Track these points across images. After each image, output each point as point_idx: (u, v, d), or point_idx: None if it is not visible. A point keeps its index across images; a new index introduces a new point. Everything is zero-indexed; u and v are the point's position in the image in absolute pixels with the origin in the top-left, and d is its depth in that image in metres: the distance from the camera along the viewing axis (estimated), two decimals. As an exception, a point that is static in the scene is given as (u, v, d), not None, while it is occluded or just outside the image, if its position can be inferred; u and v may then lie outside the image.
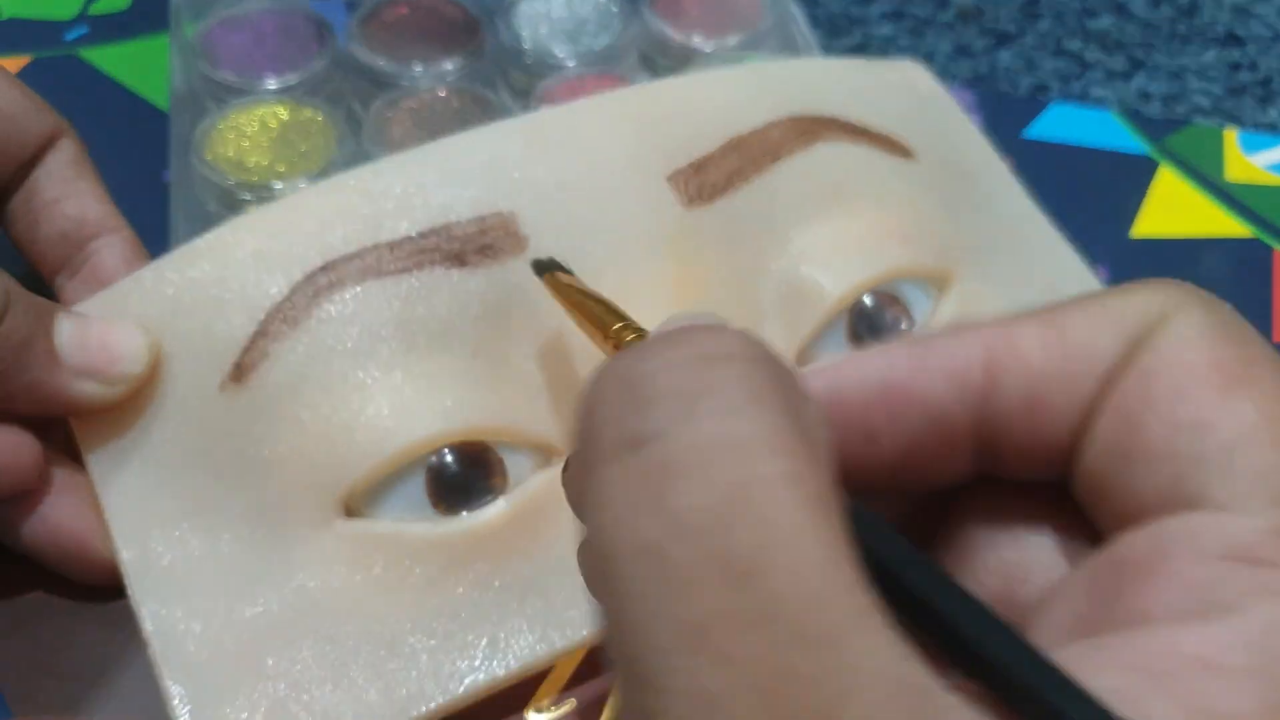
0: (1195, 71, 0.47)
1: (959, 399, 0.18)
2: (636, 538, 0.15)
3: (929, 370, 0.18)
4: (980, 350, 0.18)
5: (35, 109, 0.32)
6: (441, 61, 0.40)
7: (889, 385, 0.18)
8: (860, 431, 0.18)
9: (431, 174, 0.30)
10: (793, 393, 0.16)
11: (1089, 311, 0.18)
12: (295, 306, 0.28)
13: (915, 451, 0.18)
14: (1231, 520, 0.16)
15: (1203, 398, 0.17)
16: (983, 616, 0.16)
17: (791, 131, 0.33)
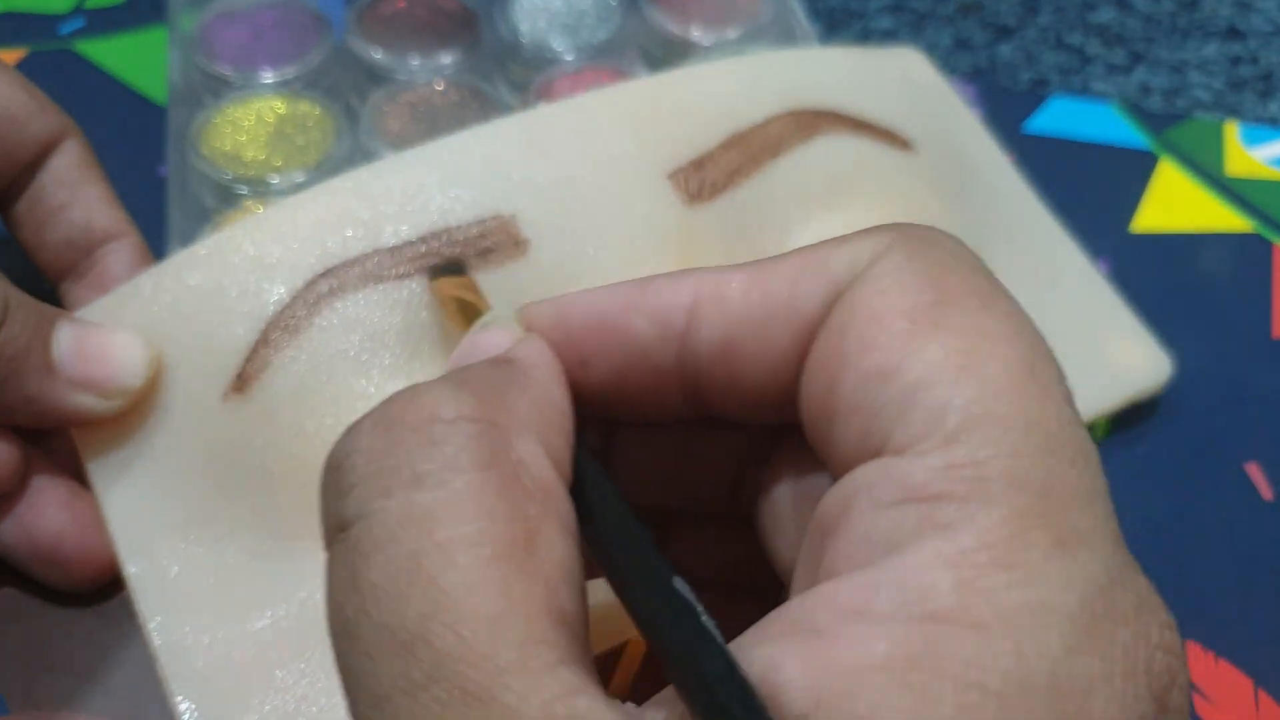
0: (1196, 65, 0.47)
1: (660, 337, 0.19)
2: (340, 616, 0.16)
3: (638, 308, 0.19)
4: (690, 293, 0.19)
5: (40, 109, 0.31)
6: (439, 55, 0.40)
7: (603, 316, 0.19)
8: (575, 356, 0.19)
9: (431, 176, 0.30)
10: (491, 440, 0.17)
11: (797, 262, 0.18)
12: (296, 314, 0.28)
13: (623, 382, 0.19)
14: (908, 463, 0.16)
15: (889, 345, 0.17)
16: (662, 592, 0.17)
17: (791, 126, 0.33)
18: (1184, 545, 0.33)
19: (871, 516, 0.16)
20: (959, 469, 0.16)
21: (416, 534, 0.16)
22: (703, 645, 0.16)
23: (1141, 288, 0.38)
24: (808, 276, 0.18)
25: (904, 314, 0.17)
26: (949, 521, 0.15)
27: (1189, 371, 0.35)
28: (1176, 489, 0.34)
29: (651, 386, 0.19)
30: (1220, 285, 0.39)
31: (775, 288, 0.18)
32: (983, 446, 0.16)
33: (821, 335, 0.18)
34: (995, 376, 0.16)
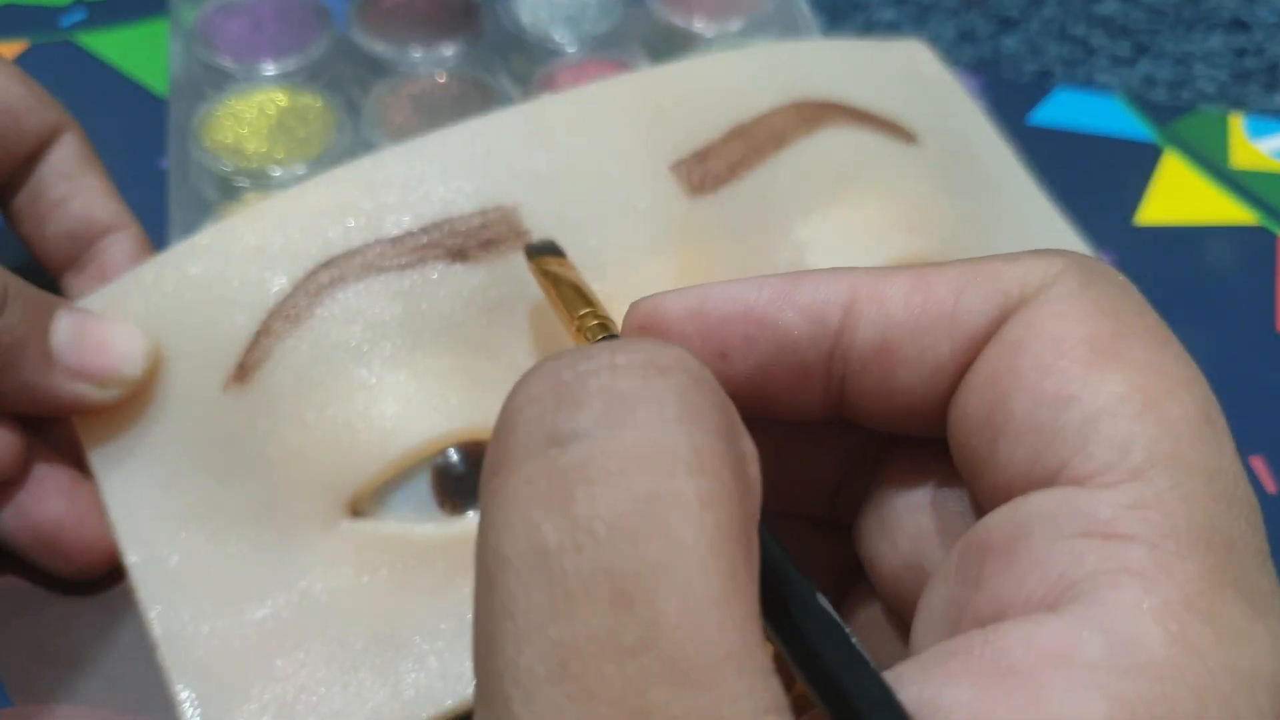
0: (1201, 57, 0.47)
1: (813, 334, 0.18)
2: (533, 540, 0.14)
3: (791, 301, 0.18)
4: (846, 292, 0.18)
5: (38, 102, 0.31)
6: (441, 47, 0.40)
7: (750, 308, 0.18)
8: (715, 347, 0.19)
9: (433, 167, 0.30)
10: (730, 419, 0.16)
11: (964, 273, 0.18)
12: (297, 304, 0.28)
13: (765, 377, 0.19)
14: (1090, 495, 0.16)
15: (1068, 371, 0.16)
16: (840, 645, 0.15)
17: (795, 118, 0.32)
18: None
19: (1052, 547, 0.15)
20: (1147, 509, 0.15)
21: (661, 475, 0.14)
22: (858, 669, 0.15)
23: (1145, 280, 0.37)
24: (976, 288, 0.18)
25: (1084, 341, 0.17)
26: (1143, 568, 0.15)
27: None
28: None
29: (794, 384, 0.19)
30: (1224, 278, 0.39)
31: (940, 294, 0.18)
32: (1170, 490, 0.15)
33: (990, 351, 0.17)
34: (1178, 419, 0.16)
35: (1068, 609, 0.15)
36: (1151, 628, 0.14)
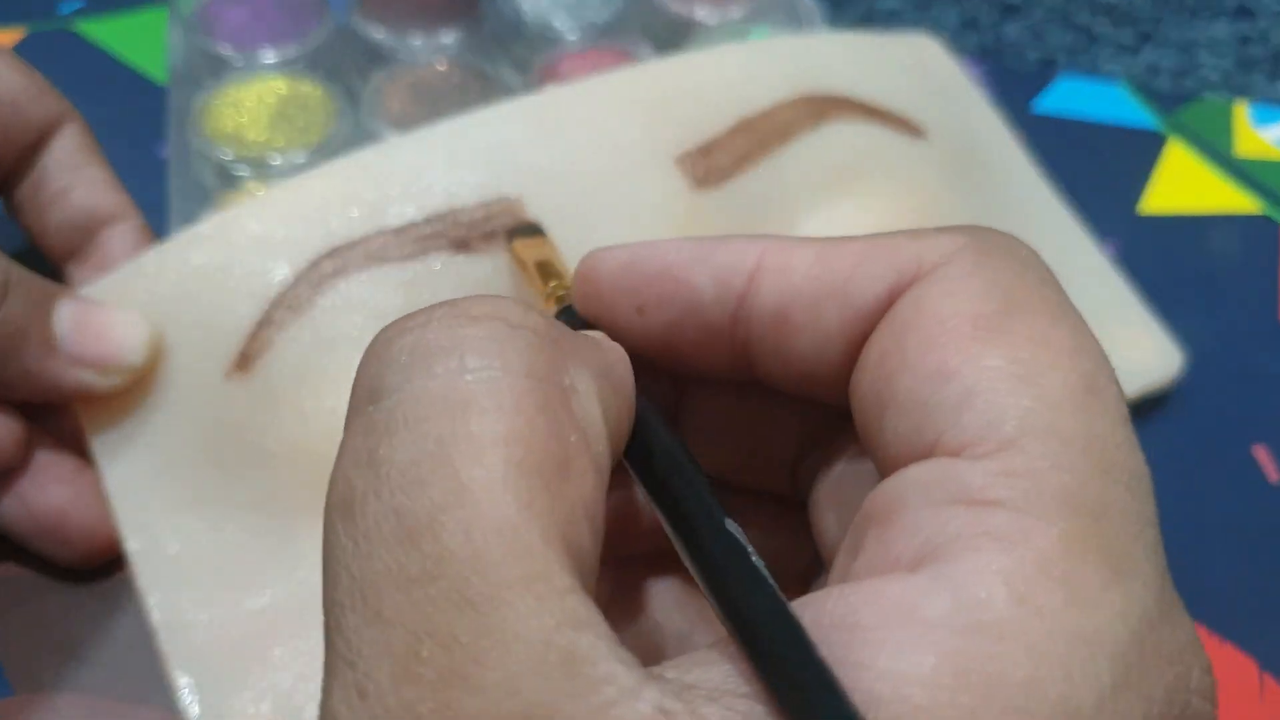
0: (1205, 45, 0.47)
1: (718, 296, 0.19)
2: (343, 491, 0.15)
3: (704, 264, 0.19)
4: (755, 258, 0.19)
5: (39, 93, 0.31)
6: (441, 35, 0.39)
7: (668, 267, 0.19)
8: (634, 302, 0.19)
9: (436, 158, 0.30)
10: (549, 360, 0.16)
11: (867, 247, 0.18)
12: (299, 294, 0.28)
13: (676, 334, 0.19)
14: (962, 465, 0.16)
15: (950, 348, 0.17)
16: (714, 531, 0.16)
17: (801, 111, 0.32)
18: (1190, 527, 0.33)
19: (922, 514, 0.16)
20: (1015, 477, 0.15)
21: (451, 420, 0.15)
22: (751, 583, 0.15)
23: (1149, 269, 0.38)
24: (872, 263, 0.18)
25: (970, 318, 0.17)
26: (1004, 532, 0.15)
27: (1196, 353, 0.35)
28: (1183, 471, 0.34)
29: (703, 343, 0.19)
30: (1228, 267, 0.39)
31: (838, 267, 0.18)
32: (1039, 457, 0.16)
33: (882, 328, 0.18)
34: (1055, 388, 0.16)
35: (924, 570, 0.15)
36: (998, 588, 0.15)
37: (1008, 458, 0.16)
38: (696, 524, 0.17)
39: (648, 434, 0.18)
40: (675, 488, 0.17)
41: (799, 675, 0.14)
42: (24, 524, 0.29)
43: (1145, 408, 0.34)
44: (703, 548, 0.16)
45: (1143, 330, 0.35)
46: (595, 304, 0.20)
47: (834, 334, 0.18)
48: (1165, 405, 0.35)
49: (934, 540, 0.15)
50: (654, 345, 0.20)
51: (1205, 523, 0.33)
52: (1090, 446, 0.16)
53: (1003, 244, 0.18)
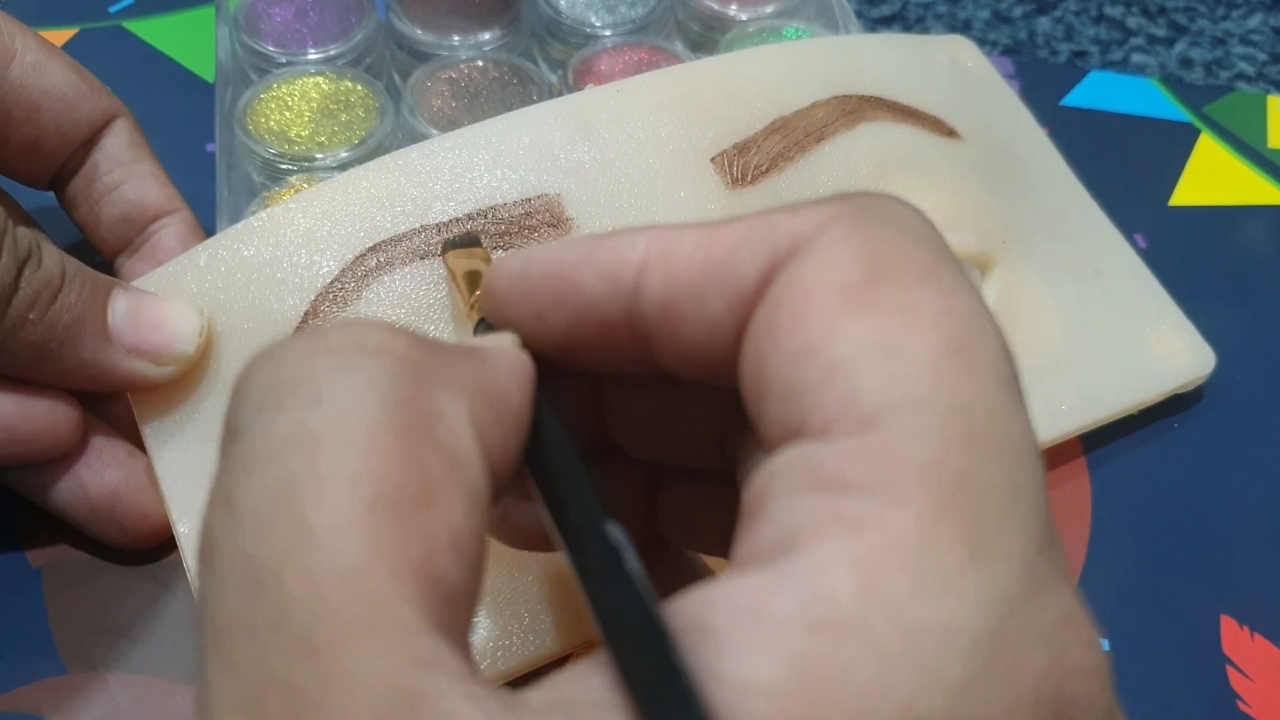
0: (1239, 37, 0.47)
1: (609, 293, 0.18)
2: (205, 533, 0.15)
3: (591, 262, 0.19)
4: (641, 250, 0.18)
5: (90, 91, 0.32)
6: (479, 33, 0.40)
7: (559, 271, 0.19)
8: (532, 308, 0.19)
9: (479, 156, 0.31)
10: (414, 384, 0.16)
11: (747, 227, 0.17)
12: (345, 287, 0.29)
13: (577, 335, 0.19)
14: (821, 447, 0.15)
15: (814, 324, 0.16)
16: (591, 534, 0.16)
17: (836, 111, 0.33)
18: (1220, 521, 0.33)
19: (783, 502, 0.15)
20: (870, 455, 0.15)
21: (299, 459, 0.15)
22: (620, 589, 0.15)
23: (1179, 262, 0.38)
24: (750, 243, 0.17)
25: (834, 291, 0.16)
26: (856, 516, 0.14)
27: (1226, 346, 0.35)
28: (1212, 464, 0.34)
29: (603, 341, 0.19)
30: (1259, 259, 0.39)
31: (718, 250, 0.17)
32: (899, 432, 0.15)
33: (760, 309, 0.17)
34: (919, 356, 0.15)
35: (776, 563, 0.14)
36: (845, 579, 0.14)
37: (867, 435, 0.15)
38: (576, 529, 0.16)
39: (543, 439, 0.18)
40: (560, 492, 0.17)
41: (656, 687, 0.13)
42: (80, 506, 0.29)
43: (1174, 401, 0.35)
44: (579, 553, 0.16)
45: (1176, 329, 0.35)
46: (499, 313, 0.20)
47: (721, 319, 0.17)
48: (1196, 397, 0.35)
49: (789, 530, 0.15)
50: (559, 348, 0.19)
51: (1234, 516, 0.33)
52: (954, 416, 0.15)
53: (877, 208, 0.17)
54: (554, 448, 0.18)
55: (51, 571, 0.30)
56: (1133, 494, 0.33)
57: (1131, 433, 0.34)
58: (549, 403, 0.19)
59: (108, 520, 0.29)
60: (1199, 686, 0.30)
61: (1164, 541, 0.32)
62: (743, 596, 0.14)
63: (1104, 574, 0.32)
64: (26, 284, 0.26)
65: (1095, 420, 0.33)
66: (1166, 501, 0.33)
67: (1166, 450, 0.34)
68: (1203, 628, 0.31)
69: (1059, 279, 0.34)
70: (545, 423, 0.18)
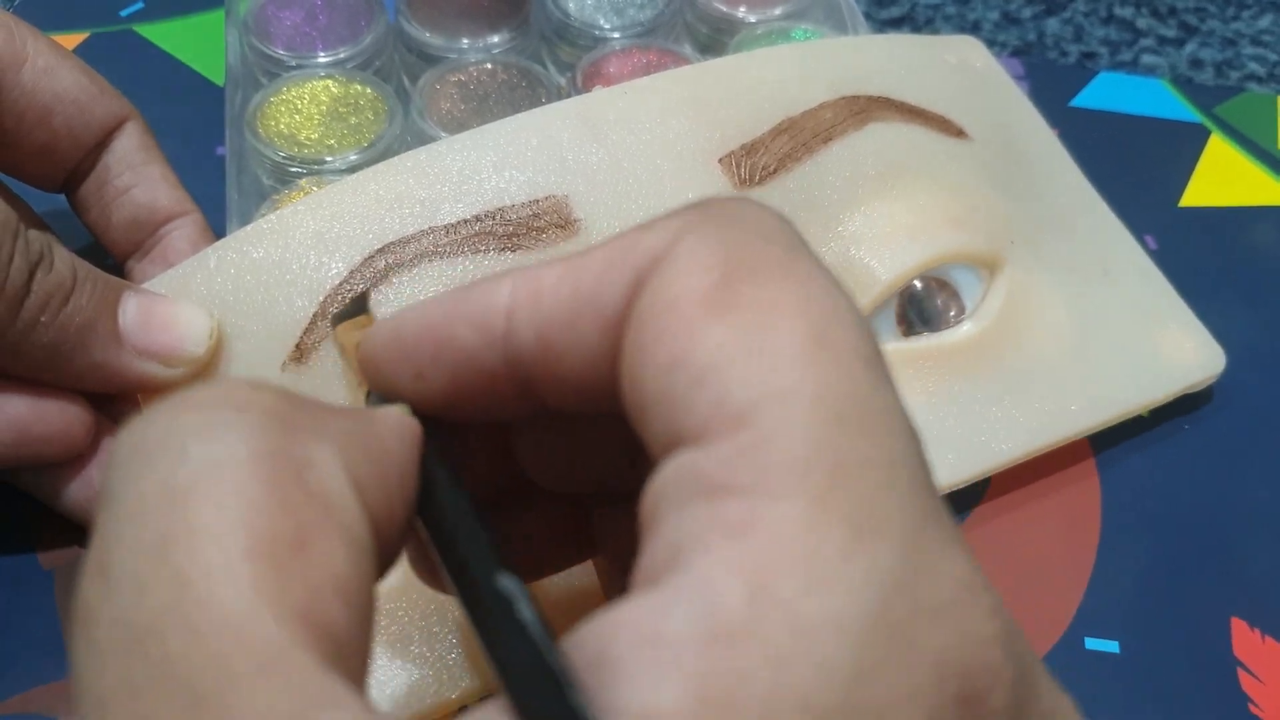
0: (1250, 37, 0.47)
1: (484, 342, 0.18)
2: (81, 603, 0.15)
3: (460, 315, 0.18)
4: (507, 295, 0.18)
5: (101, 94, 0.32)
6: (488, 36, 0.40)
7: (430, 328, 0.19)
8: (411, 369, 0.19)
9: (487, 158, 0.31)
10: (282, 434, 0.16)
11: (609, 251, 0.17)
12: (353, 289, 0.29)
13: (460, 387, 0.19)
14: (699, 454, 0.15)
15: (678, 333, 0.16)
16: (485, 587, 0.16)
17: (844, 111, 0.33)
18: (1230, 522, 0.33)
19: (669, 519, 0.15)
20: (746, 455, 0.15)
21: (169, 515, 0.14)
22: (513, 637, 0.15)
23: (1189, 262, 0.38)
24: (613, 267, 0.17)
25: (695, 296, 0.16)
26: (738, 520, 0.14)
27: (1236, 347, 0.35)
28: (1223, 465, 0.34)
29: (487, 389, 0.19)
30: (1270, 260, 0.39)
31: (583, 281, 0.17)
32: (770, 426, 0.15)
33: (628, 328, 0.17)
34: (781, 350, 0.15)
35: (667, 581, 0.14)
36: (733, 587, 0.14)
37: (740, 435, 0.15)
38: (470, 581, 0.17)
39: (433, 494, 0.18)
40: (453, 547, 0.17)
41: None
42: (91, 508, 0.30)
43: (1184, 402, 0.35)
44: (473, 605, 0.16)
45: (1187, 330, 0.34)
46: (379, 380, 0.20)
47: (595, 347, 0.17)
48: (1205, 398, 0.35)
49: (676, 544, 0.14)
50: (446, 403, 0.19)
51: (1245, 517, 0.33)
52: (821, 401, 0.15)
53: (728, 210, 0.17)
54: (445, 502, 0.18)
55: (63, 573, 0.31)
56: (1143, 495, 0.33)
57: (1141, 433, 0.34)
58: (438, 459, 0.18)
59: None
60: (1209, 689, 0.30)
61: (1174, 543, 0.32)
62: (637, 621, 0.14)
63: (1114, 576, 0.32)
64: (38, 287, 0.27)
65: (1105, 421, 0.33)
66: (1177, 503, 0.33)
67: (1177, 451, 0.34)
68: (1213, 630, 0.31)
69: (1068, 280, 0.34)
70: (435, 479, 0.18)
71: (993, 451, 0.31)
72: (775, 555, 0.14)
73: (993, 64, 0.38)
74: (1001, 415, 0.31)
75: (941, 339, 0.32)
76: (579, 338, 0.17)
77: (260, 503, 0.15)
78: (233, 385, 0.16)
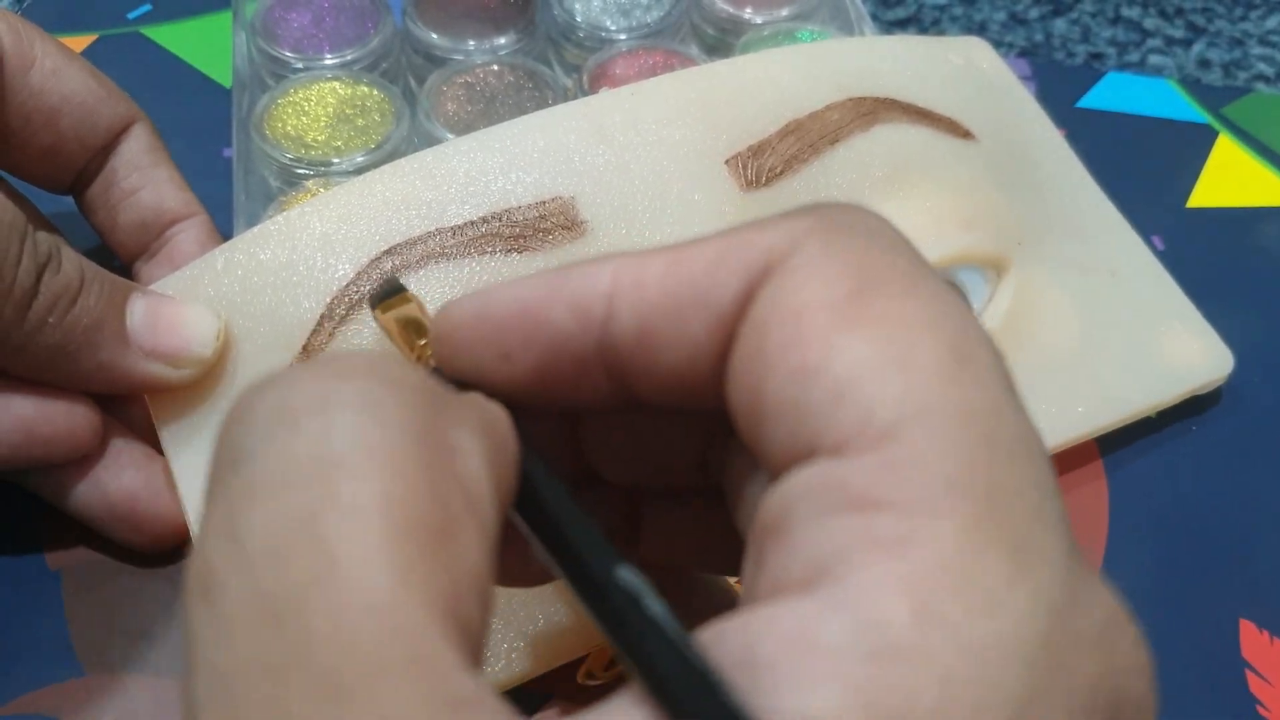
0: (1257, 38, 0.47)
1: (581, 326, 0.18)
2: (204, 568, 0.14)
3: (558, 297, 0.18)
4: (609, 280, 0.18)
5: (109, 96, 0.32)
6: (495, 37, 0.40)
7: (524, 308, 0.18)
8: (497, 350, 0.18)
9: (494, 159, 0.31)
10: (429, 417, 0.15)
11: (720, 247, 0.17)
12: (360, 290, 0.29)
13: (548, 372, 0.18)
14: (843, 465, 0.15)
15: (810, 342, 0.16)
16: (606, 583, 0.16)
17: (851, 113, 0.33)
18: (1238, 524, 0.33)
19: (812, 527, 0.15)
20: (897, 470, 0.14)
21: (319, 483, 0.14)
22: (650, 633, 0.15)
23: (1197, 263, 0.38)
24: (725, 264, 0.17)
25: (825, 306, 0.16)
26: (897, 536, 0.14)
27: (1244, 348, 0.35)
28: (1231, 466, 0.34)
29: (576, 376, 0.18)
30: (1277, 261, 0.39)
31: (692, 274, 0.17)
32: (921, 444, 0.14)
33: (744, 332, 0.17)
34: (924, 367, 0.15)
35: (818, 590, 0.14)
36: (897, 604, 0.13)
37: (888, 450, 0.15)
38: (589, 578, 0.16)
39: (535, 487, 0.18)
40: (565, 541, 0.17)
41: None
42: (98, 509, 0.30)
43: (1192, 403, 0.34)
44: (597, 602, 0.16)
45: (1194, 332, 0.34)
46: (459, 360, 0.19)
47: (701, 343, 0.17)
48: (1213, 400, 0.35)
49: (825, 555, 0.14)
50: (529, 389, 0.18)
51: (1254, 521, 0.33)
52: (971, 421, 0.15)
53: (848, 218, 0.17)
54: (548, 495, 0.17)
55: (70, 574, 0.31)
56: (1150, 497, 0.33)
57: (1149, 435, 0.34)
58: (532, 449, 0.18)
59: (126, 522, 0.30)
60: (1218, 691, 0.30)
61: (1182, 545, 0.32)
62: (789, 627, 0.14)
63: (1121, 577, 0.31)
64: (46, 288, 0.27)
65: (1112, 422, 0.33)
66: (1184, 504, 0.33)
67: (1184, 453, 0.34)
68: (1221, 632, 0.31)
69: (1075, 280, 0.34)
70: (535, 472, 0.18)
71: (1000, 453, 0.31)
72: (938, 575, 0.14)
73: (999, 65, 0.38)
74: (1008, 417, 0.31)
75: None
76: (683, 331, 0.17)
77: (415, 484, 0.14)
78: (382, 358, 0.16)
